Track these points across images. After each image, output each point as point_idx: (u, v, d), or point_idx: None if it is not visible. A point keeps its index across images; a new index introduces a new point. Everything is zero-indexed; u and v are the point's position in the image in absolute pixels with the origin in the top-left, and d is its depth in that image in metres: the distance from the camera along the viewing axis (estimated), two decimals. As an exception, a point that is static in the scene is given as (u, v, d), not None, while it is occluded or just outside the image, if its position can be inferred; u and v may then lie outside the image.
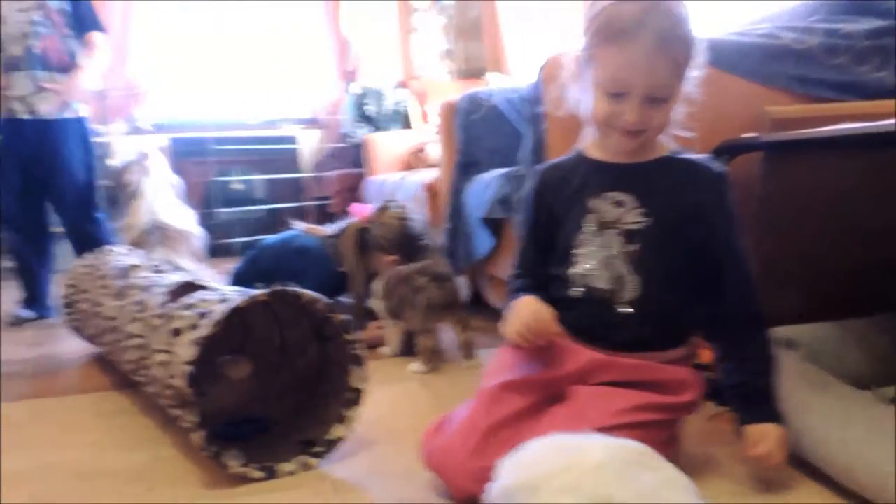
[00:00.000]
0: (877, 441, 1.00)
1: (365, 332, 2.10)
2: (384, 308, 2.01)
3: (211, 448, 1.20)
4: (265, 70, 5.14)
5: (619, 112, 1.06)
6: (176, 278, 1.70)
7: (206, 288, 1.55)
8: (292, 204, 4.76)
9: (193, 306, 1.35)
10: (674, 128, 1.13)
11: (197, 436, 1.19)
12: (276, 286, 1.31)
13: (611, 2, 1.05)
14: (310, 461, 1.27)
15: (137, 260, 2.00)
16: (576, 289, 1.14)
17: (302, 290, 1.30)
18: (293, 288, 1.30)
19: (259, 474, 1.23)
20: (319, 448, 1.29)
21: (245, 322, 1.69)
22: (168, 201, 2.74)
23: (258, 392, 1.60)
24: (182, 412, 1.21)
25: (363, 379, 1.33)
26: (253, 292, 1.30)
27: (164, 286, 1.61)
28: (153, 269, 1.88)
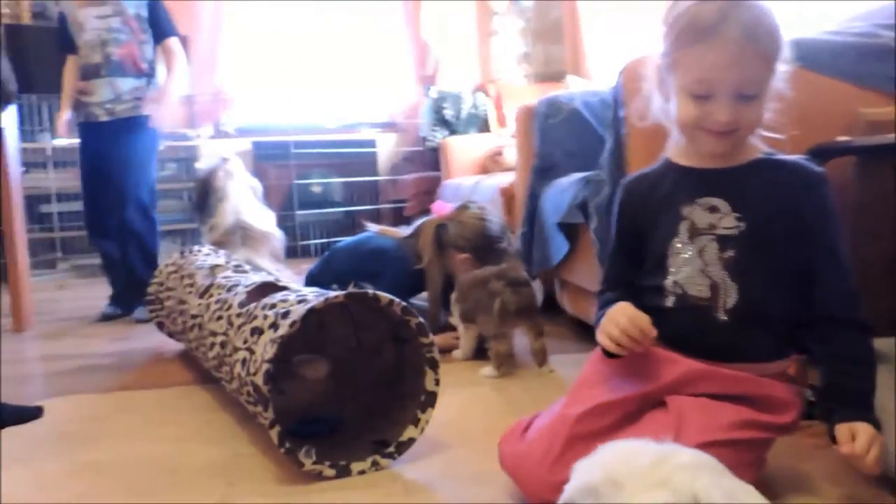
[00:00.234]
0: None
1: (439, 337, 2.10)
2: (457, 311, 2.01)
3: (286, 444, 1.22)
4: (345, 74, 5.24)
5: (708, 113, 1.03)
6: (256, 278, 1.75)
7: (286, 288, 1.58)
8: (369, 207, 4.83)
9: (273, 306, 1.38)
10: (766, 129, 1.09)
11: (273, 432, 1.21)
12: (352, 288, 1.32)
13: (690, 3, 1.03)
14: (382, 461, 1.28)
15: (221, 259, 2.06)
16: (671, 297, 1.10)
17: (380, 293, 1.31)
18: (371, 290, 1.31)
19: (332, 472, 1.24)
20: (391, 449, 1.30)
21: (322, 322, 1.72)
22: (250, 203, 2.81)
23: (333, 392, 1.63)
24: (260, 409, 1.24)
25: (437, 382, 1.33)
26: (330, 294, 1.31)
27: (246, 286, 1.65)
28: (235, 269, 1.93)
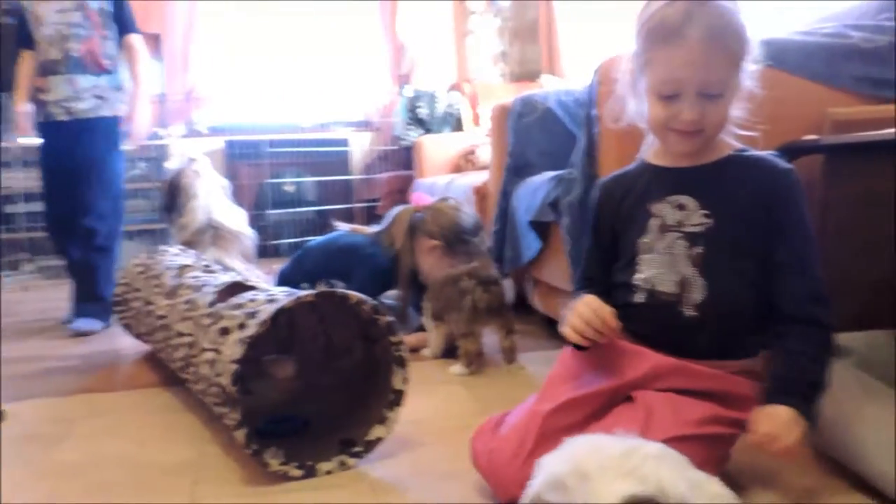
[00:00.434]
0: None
1: (410, 336, 2.09)
2: (428, 310, 2.01)
3: (252, 446, 1.20)
4: (319, 73, 5.21)
5: (675, 113, 1.04)
6: (226, 278, 1.72)
7: (255, 288, 1.56)
8: (342, 206, 4.80)
9: (242, 306, 1.36)
10: (736, 127, 1.10)
11: (239, 433, 1.20)
12: (323, 286, 1.31)
13: (658, 4, 1.04)
14: (349, 461, 1.27)
15: (189, 260, 2.03)
16: (640, 294, 1.11)
17: (350, 292, 1.30)
18: (341, 289, 1.30)
19: (298, 472, 1.23)
20: (359, 448, 1.29)
21: (292, 322, 1.71)
22: (220, 202, 2.77)
23: (302, 391, 1.61)
24: (226, 410, 1.22)
25: (405, 380, 1.32)
26: (300, 293, 1.30)
27: (214, 286, 1.63)
28: (204, 269, 1.91)
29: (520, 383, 1.76)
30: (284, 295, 1.34)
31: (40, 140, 2.75)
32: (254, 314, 1.29)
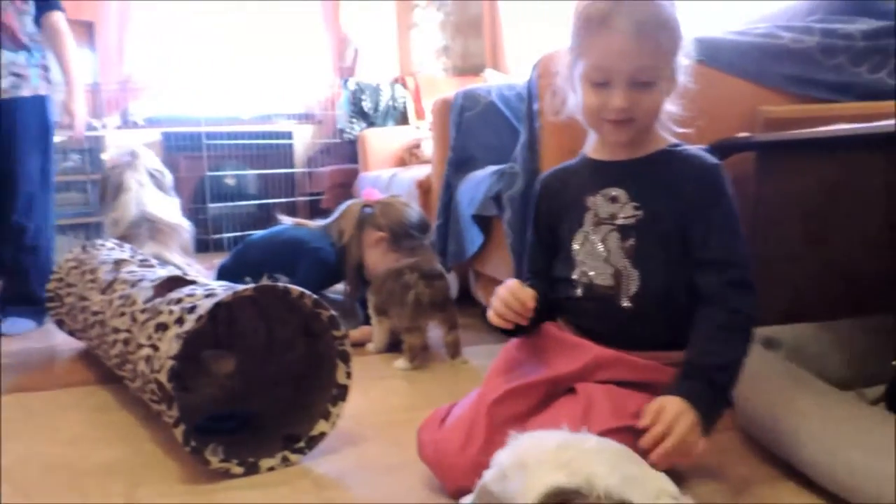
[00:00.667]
0: (857, 442, 0.99)
1: (355, 331, 2.08)
2: (371, 304, 2.00)
3: (191, 443, 1.18)
4: (260, 64, 5.12)
5: (606, 100, 1.06)
6: (163, 273, 1.69)
7: (194, 283, 1.53)
8: (284, 199, 4.74)
9: (179, 301, 1.34)
10: (670, 123, 1.13)
11: (177, 431, 1.17)
12: (265, 280, 1.29)
13: None
14: (292, 457, 1.26)
15: (126, 254, 1.98)
16: (579, 287, 1.13)
17: (291, 286, 1.28)
18: (282, 283, 1.28)
19: (239, 470, 1.21)
20: (302, 444, 1.28)
21: (232, 317, 1.68)
22: (154, 194, 2.69)
23: (243, 387, 1.59)
24: (164, 407, 1.19)
25: (349, 375, 1.32)
26: (239, 287, 1.28)
27: (151, 281, 1.59)
28: (141, 264, 1.86)
29: (464, 377, 1.77)
30: (224, 289, 1.32)
31: None
32: (192, 309, 1.26)
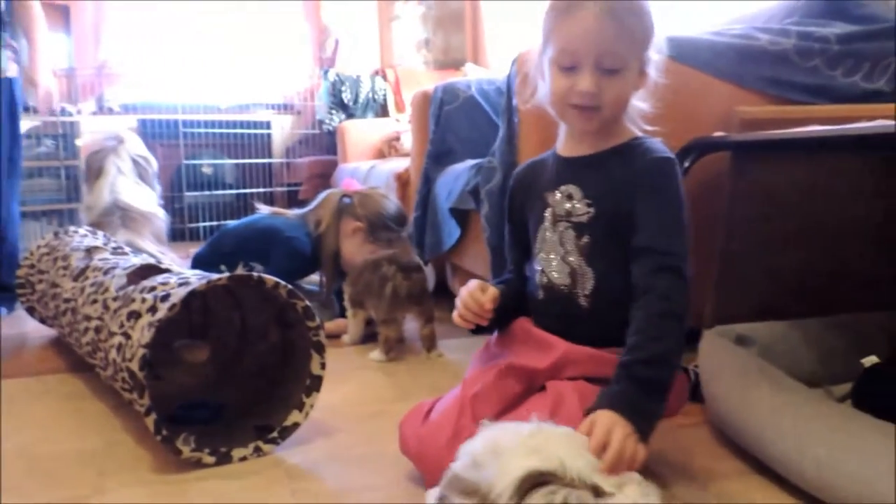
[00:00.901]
0: (824, 438, 1.00)
1: (330, 322, 2.08)
2: (347, 295, 2.00)
3: (162, 432, 1.17)
4: (239, 53, 5.07)
5: (573, 84, 1.05)
6: (136, 261, 1.67)
7: (168, 271, 1.52)
8: (262, 189, 4.71)
9: (153, 289, 1.33)
10: (640, 121, 1.13)
11: (149, 420, 1.17)
12: (241, 269, 1.28)
13: None
14: (264, 447, 1.26)
15: (98, 241, 1.96)
16: (542, 285, 1.13)
17: (265, 276, 1.28)
18: (256, 273, 1.28)
19: (211, 459, 1.21)
20: (275, 434, 1.27)
21: (206, 306, 1.67)
22: (129, 182, 2.66)
23: (216, 377, 1.58)
24: (135, 396, 1.18)
25: (323, 366, 1.32)
26: (213, 276, 1.27)
27: (124, 268, 1.58)
28: (114, 251, 1.84)
29: (439, 370, 1.77)
30: (197, 278, 1.31)
31: None
32: (165, 297, 1.25)
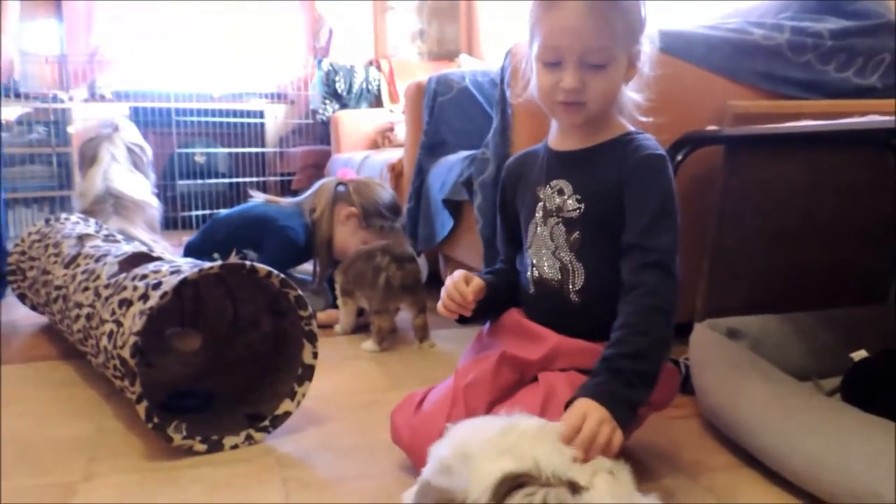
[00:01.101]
0: (814, 431, 1.01)
1: (323, 313, 2.08)
2: (338, 284, 2.00)
3: (154, 420, 1.17)
4: (233, 41, 5.04)
5: (558, 81, 1.04)
6: (128, 248, 1.67)
7: (159, 259, 1.52)
8: (255, 178, 4.69)
9: (145, 277, 1.32)
10: (636, 113, 1.13)
11: (140, 407, 1.16)
12: (234, 257, 1.28)
13: None
14: (256, 435, 1.26)
15: (90, 229, 1.95)
16: (533, 279, 1.14)
17: (258, 265, 1.28)
18: (249, 262, 1.27)
19: (203, 447, 1.21)
20: (266, 423, 1.28)
21: (198, 295, 1.67)
22: (122, 169, 2.65)
23: (208, 365, 1.58)
24: (127, 383, 1.18)
25: (315, 355, 1.32)
26: (205, 265, 1.27)
27: (116, 256, 1.57)
28: (105, 239, 1.84)
29: (431, 361, 1.78)
30: (190, 266, 1.31)
31: None
32: (157, 285, 1.25)
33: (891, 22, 1.75)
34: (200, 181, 4.57)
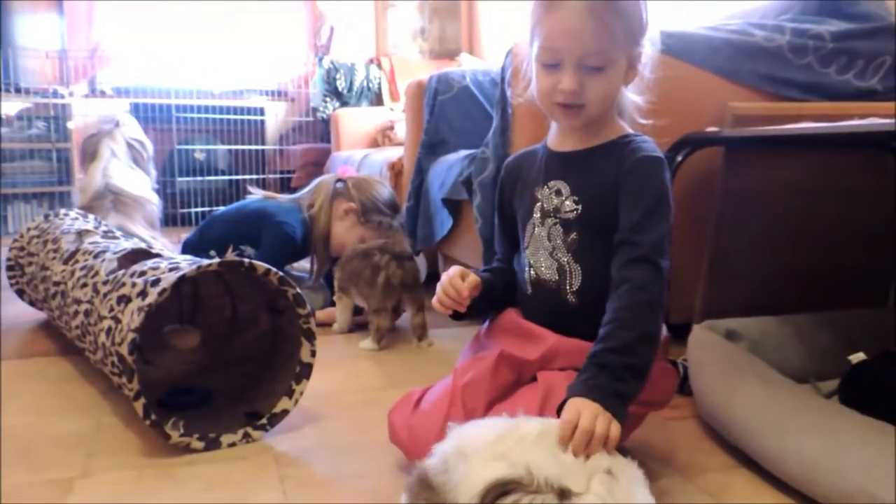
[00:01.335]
0: (811, 433, 1.01)
1: (322, 312, 2.08)
2: (336, 281, 2.00)
3: (151, 417, 1.17)
4: (234, 39, 5.03)
5: (556, 83, 1.04)
6: (127, 245, 1.67)
7: (158, 256, 1.52)
8: (255, 176, 4.70)
9: (143, 274, 1.32)
10: (637, 115, 1.12)
11: (137, 404, 1.16)
12: (231, 253, 1.28)
13: None
14: (253, 433, 1.26)
15: (89, 225, 1.95)
16: (530, 280, 1.14)
17: (255, 263, 1.28)
18: (247, 259, 1.27)
19: (200, 445, 1.21)
20: (264, 421, 1.28)
21: (197, 292, 1.67)
22: (122, 166, 2.65)
23: (206, 362, 1.58)
24: (124, 380, 1.18)
25: (313, 353, 1.32)
26: (204, 262, 1.27)
27: (115, 252, 1.57)
28: (105, 235, 1.83)
29: (429, 359, 1.78)
30: (188, 263, 1.31)
31: None
32: (155, 282, 1.25)
33: (891, 24, 1.75)
34: (200, 178, 4.57)
